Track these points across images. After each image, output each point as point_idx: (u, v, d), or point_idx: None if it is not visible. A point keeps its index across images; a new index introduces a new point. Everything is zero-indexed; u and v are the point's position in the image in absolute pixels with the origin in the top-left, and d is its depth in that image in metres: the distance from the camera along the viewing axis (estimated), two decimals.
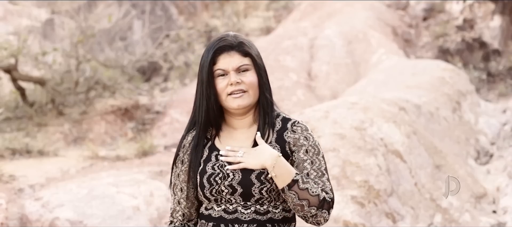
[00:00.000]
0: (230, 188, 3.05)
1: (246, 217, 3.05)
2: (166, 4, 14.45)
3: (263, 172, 3.03)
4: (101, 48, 13.61)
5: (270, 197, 3.05)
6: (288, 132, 3.11)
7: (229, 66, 3.07)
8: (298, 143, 3.09)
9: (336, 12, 12.91)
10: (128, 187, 8.08)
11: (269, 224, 3.06)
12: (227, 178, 3.05)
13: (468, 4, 12.77)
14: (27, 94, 11.90)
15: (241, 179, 3.04)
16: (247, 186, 3.04)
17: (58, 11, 14.78)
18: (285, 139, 3.10)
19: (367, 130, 7.31)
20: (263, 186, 3.03)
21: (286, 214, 3.09)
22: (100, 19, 13.61)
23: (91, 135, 11.24)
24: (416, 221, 7.02)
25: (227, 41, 3.09)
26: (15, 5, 15.72)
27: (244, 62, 3.09)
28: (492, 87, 11.82)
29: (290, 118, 3.16)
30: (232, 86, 3.06)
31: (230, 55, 3.08)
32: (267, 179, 3.03)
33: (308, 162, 3.08)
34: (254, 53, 3.11)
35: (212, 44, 3.10)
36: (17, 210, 7.97)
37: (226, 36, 3.11)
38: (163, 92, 12.78)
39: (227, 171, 3.06)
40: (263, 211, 3.06)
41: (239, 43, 3.10)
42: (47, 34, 14.14)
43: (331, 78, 11.36)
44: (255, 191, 3.03)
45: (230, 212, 3.06)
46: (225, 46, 3.08)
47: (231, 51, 3.08)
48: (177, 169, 3.17)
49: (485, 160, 9.17)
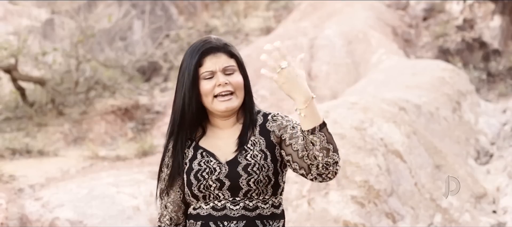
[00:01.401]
0: (218, 182, 3.06)
1: (235, 213, 3.06)
2: (166, 4, 14.45)
3: (250, 164, 3.06)
4: (101, 48, 13.61)
5: (258, 189, 3.07)
6: (270, 122, 3.14)
7: (216, 67, 3.08)
8: (282, 125, 3.12)
9: (336, 12, 12.91)
10: (128, 187, 8.08)
11: (258, 220, 3.07)
12: (214, 172, 3.07)
13: (468, 4, 12.77)
14: (27, 94, 11.90)
15: (228, 172, 3.06)
16: (235, 179, 3.05)
17: (58, 11, 14.78)
18: (269, 129, 3.13)
19: (367, 130, 7.31)
20: (250, 177, 3.05)
21: (274, 210, 3.11)
22: (100, 19, 13.61)
23: (91, 135, 11.24)
24: (416, 221, 7.02)
25: (212, 43, 3.10)
26: (15, 5, 15.72)
27: (230, 63, 3.10)
28: (492, 87, 11.82)
29: (270, 112, 3.20)
30: (220, 87, 3.07)
31: (216, 57, 3.09)
32: (254, 170, 3.05)
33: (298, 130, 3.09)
34: (238, 54, 3.14)
35: (196, 47, 3.10)
36: (17, 210, 7.97)
37: (209, 39, 3.12)
38: (163, 92, 12.78)
39: (213, 165, 3.08)
40: (252, 206, 3.07)
41: (224, 45, 3.11)
42: (47, 34, 14.14)
43: (331, 78, 11.36)
44: (243, 183, 3.05)
45: (218, 209, 3.07)
46: (212, 48, 3.09)
47: (218, 52, 3.09)
48: (162, 174, 3.18)
49: (485, 160, 9.17)
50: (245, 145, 3.10)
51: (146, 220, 7.79)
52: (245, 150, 3.09)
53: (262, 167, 3.07)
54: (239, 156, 3.09)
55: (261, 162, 3.07)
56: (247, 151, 3.09)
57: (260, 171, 3.06)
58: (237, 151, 3.09)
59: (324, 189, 6.79)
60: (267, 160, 3.08)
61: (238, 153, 3.09)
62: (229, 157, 3.10)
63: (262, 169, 3.07)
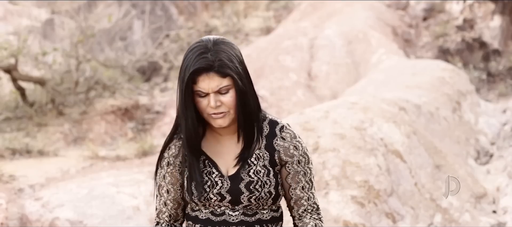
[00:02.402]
0: (219, 196, 3.02)
1: (234, 219, 3.03)
2: (166, 4, 14.45)
3: (253, 181, 3.01)
4: (101, 48, 13.61)
5: (259, 204, 3.04)
6: (277, 139, 3.06)
7: (208, 88, 2.95)
8: (289, 153, 3.06)
9: (336, 12, 12.91)
10: (128, 187, 8.08)
11: (258, 225, 3.05)
12: (216, 186, 3.02)
13: (468, 4, 12.77)
14: (27, 94, 11.90)
15: (230, 187, 3.02)
16: (236, 194, 3.01)
17: (58, 11, 14.78)
18: (275, 147, 3.05)
19: (367, 130, 7.31)
20: (252, 194, 3.01)
21: (274, 214, 3.09)
22: (100, 19, 13.61)
23: (91, 135, 11.24)
24: (416, 221, 7.02)
25: (208, 59, 2.93)
26: (15, 5, 15.72)
27: (223, 84, 2.95)
28: (492, 87, 11.82)
29: (276, 120, 3.10)
30: (212, 109, 2.97)
31: (209, 77, 2.94)
32: (256, 187, 3.01)
33: (301, 174, 3.06)
34: (234, 71, 2.96)
35: (192, 60, 2.95)
36: (17, 210, 7.97)
37: (205, 50, 2.95)
38: (163, 92, 12.78)
39: (215, 178, 3.03)
40: (251, 213, 3.05)
41: (219, 64, 2.94)
42: (47, 34, 14.14)
43: (331, 78, 11.35)
44: (244, 199, 3.02)
45: (217, 215, 3.05)
46: (205, 68, 2.93)
47: (210, 72, 2.93)
48: (162, 170, 3.11)
49: (485, 160, 9.17)
50: (249, 158, 3.04)
51: (146, 220, 7.79)
52: (248, 165, 3.03)
53: (264, 184, 3.02)
54: (242, 170, 3.03)
55: (264, 178, 3.02)
56: (250, 166, 3.03)
57: (262, 188, 3.02)
58: (241, 164, 3.03)
59: (324, 189, 6.79)
60: (270, 175, 3.04)
61: (240, 167, 3.03)
62: (231, 169, 3.05)
63: (264, 185, 3.02)
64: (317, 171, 6.80)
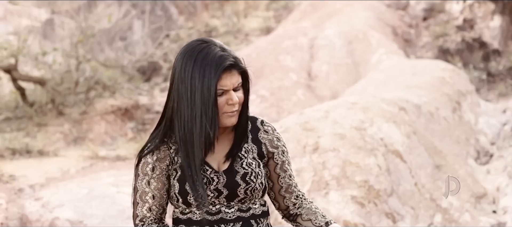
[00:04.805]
0: (216, 192, 3.03)
1: (231, 216, 3.05)
2: (166, 4, 14.45)
3: (247, 172, 3.05)
4: (101, 48, 13.61)
5: (252, 196, 3.07)
6: (261, 132, 3.15)
7: (230, 84, 2.98)
8: (274, 144, 3.16)
9: (336, 12, 12.91)
10: (128, 187, 8.08)
11: (252, 220, 3.08)
12: (212, 182, 3.03)
13: (468, 4, 12.77)
14: (27, 94, 11.90)
15: (226, 182, 3.03)
16: (233, 188, 3.03)
17: (58, 11, 14.78)
18: (261, 140, 3.14)
19: (367, 130, 7.31)
20: (248, 186, 3.04)
21: (263, 208, 3.13)
22: (100, 19, 13.62)
23: (91, 135, 11.24)
24: (416, 221, 7.02)
25: (231, 56, 2.97)
26: (15, 5, 15.72)
27: (239, 80, 3.02)
28: (492, 87, 11.82)
29: (255, 117, 3.17)
30: (230, 106, 2.99)
31: (231, 74, 2.98)
32: (251, 178, 3.05)
33: (287, 163, 3.18)
34: (246, 68, 3.04)
35: (217, 61, 2.94)
36: (17, 210, 7.97)
37: (226, 52, 2.98)
38: (163, 92, 12.78)
39: (210, 175, 3.03)
40: (245, 208, 3.08)
41: (237, 61, 3.00)
42: (47, 34, 14.14)
43: (331, 78, 11.35)
44: (241, 192, 3.04)
45: (213, 213, 3.05)
46: (230, 65, 2.96)
47: (233, 69, 2.99)
48: (146, 176, 3.08)
49: (485, 160, 9.17)
50: (239, 152, 3.09)
51: None
52: (239, 158, 3.07)
53: (257, 175, 3.07)
54: (235, 164, 3.06)
55: (256, 170, 3.07)
56: (241, 158, 3.07)
57: (256, 179, 3.06)
58: (232, 158, 3.06)
59: (324, 189, 6.80)
60: (260, 167, 3.10)
61: (233, 161, 3.06)
62: (222, 165, 3.07)
63: (258, 176, 3.07)
64: (317, 171, 6.81)
